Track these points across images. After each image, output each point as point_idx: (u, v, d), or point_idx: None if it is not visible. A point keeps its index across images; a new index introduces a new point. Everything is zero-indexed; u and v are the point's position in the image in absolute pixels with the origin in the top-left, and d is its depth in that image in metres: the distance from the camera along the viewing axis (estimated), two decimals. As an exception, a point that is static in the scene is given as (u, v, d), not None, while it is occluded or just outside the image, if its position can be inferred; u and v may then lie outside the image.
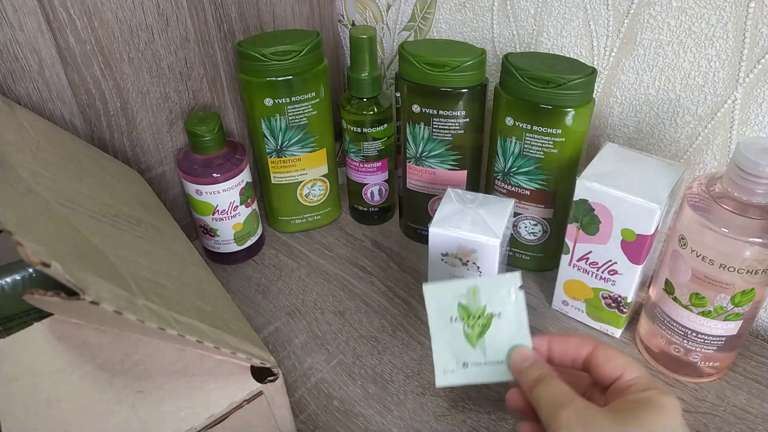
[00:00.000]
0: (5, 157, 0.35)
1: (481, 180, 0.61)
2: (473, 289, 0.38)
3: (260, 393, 0.33)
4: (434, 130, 0.55)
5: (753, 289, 0.41)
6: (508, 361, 0.37)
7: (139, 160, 0.57)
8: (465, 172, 0.58)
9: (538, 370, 0.35)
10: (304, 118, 0.58)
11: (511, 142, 0.52)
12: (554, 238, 0.56)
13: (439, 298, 0.39)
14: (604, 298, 0.51)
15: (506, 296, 0.38)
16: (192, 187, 0.56)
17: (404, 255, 0.63)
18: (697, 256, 0.42)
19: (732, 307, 0.43)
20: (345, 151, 0.64)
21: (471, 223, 0.48)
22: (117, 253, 0.32)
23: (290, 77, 0.55)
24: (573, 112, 0.48)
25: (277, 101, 0.56)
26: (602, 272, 0.49)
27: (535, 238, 0.57)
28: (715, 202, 0.41)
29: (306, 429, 0.46)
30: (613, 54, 0.52)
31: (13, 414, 0.31)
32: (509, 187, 0.55)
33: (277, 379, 0.34)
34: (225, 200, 0.57)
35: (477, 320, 0.38)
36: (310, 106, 0.58)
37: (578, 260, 0.50)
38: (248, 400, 0.33)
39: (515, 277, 0.38)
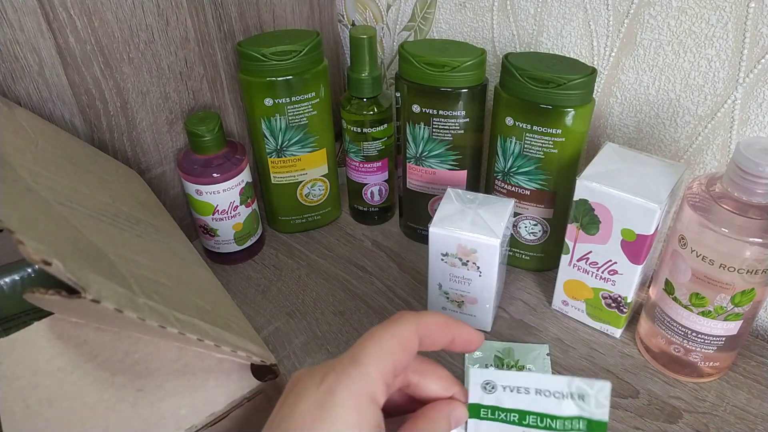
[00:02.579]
0: (4, 157, 0.35)
1: (481, 180, 0.61)
2: (508, 348, 0.51)
3: (260, 391, 0.33)
4: (434, 130, 0.55)
5: (753, 289, 0.41)
6: None
7: (139, 160, 0.57)
8: (465, 172, 0.58)
9: None
10: (304, 118, 0.58)
11: (511, 142, 0.52)
12: (554, 238, 0.56)
13: (481, 349, 0.51)
14: (604, 298, 0.51)
15: (536, 357, 0.50)
16: (192, 187, 0.56)
17: (404, 255, 0.63)
18: (697, 256, 0.42)
19: (732, 307, 0.43)
20: (345, 151, 0.64)
21: (471, 223, 0.48)
22: (117, 252, 0.32)
23: (290, 77, 0.55)
24: (573, 112, 0.48)
25: (277, 101, 0.56)
26: (602, 272, 0.49)
27: (535, 238, 0.57)
28: (715, 202, 0.41)
29: (306, 429, 0.46)
30: (613, 54, 0.53)
31: (14, 413, 0.31)
32: (509, 187, 0.55)
33: (277, 377, 0.34)
34: (225, 200, 0.57)
35: (510, 368, 0.49)
36: (310, 106, 0.58)
37: (578, 260, 0.50)
38: (248, 399, 0.33)
39: (545, 347, 0.51)
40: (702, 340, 0.45)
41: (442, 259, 0.50)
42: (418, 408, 0.29)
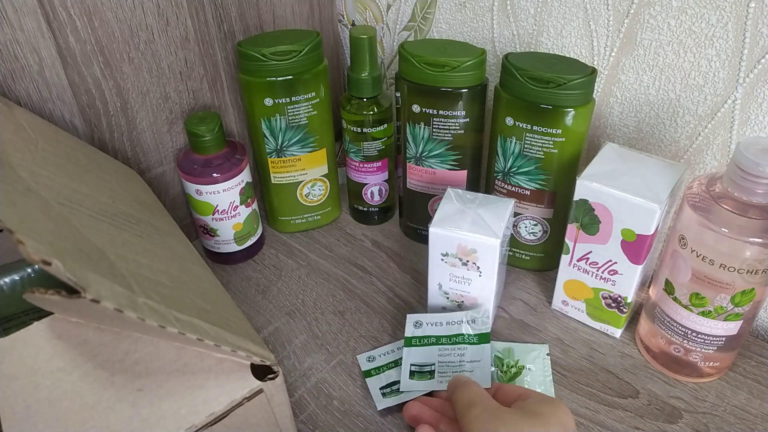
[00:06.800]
0: (4, 157, 0.35)
1: (481, 180, 0.61)
2: (508, 349, 0.51)
3: (260, 391, 0.33)
4: (434, 130, 0.55)
5: (753, 289, 0.41)
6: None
7: (139, 160, 0.57)
8: (465, 172, 0.58)
9: (462, 380, 0.41)
10: (304, 118, 0.58)
11: (511, 142, 0.52)
12: (554, 238, 0.56)
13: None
14: (604, 298, 0.51)
15: (536, 357, 0.50)
16: (192, 187, 0.56)
17: (404, 255, 0.63)
18: (697, 256, 0.42)
19: (732, 307, 0.43)
20: (345, 151, 0.64)
21: (471, 223, 0.48)
22: (117, 252, 0.32)
23: (290, 77, 0.55)
24: (573, 112, 0.48)
25: (277, 101, 0.56)
26: (602, 272, 0.49)
27: (535, 238, 0.57)
28: (715, 202, 0.41)
29: (306, 429, 0.46)
30: (613, 54, 0.53)
31: (14, 413, 0.31)
32: (509, 187, 0.55)
33: (277, 376, 0.33)
34: (225, 200, 0.57)
35: (510, 368, 0.49)
36: (310, 106, 0.58)
37: (578, 260, 0.50)
38: (248, 398, 0.33)
39: (545, 347, 0.51)
40: (702, 340, 0.45)
41: (442, 259, 0.50)
42: None
